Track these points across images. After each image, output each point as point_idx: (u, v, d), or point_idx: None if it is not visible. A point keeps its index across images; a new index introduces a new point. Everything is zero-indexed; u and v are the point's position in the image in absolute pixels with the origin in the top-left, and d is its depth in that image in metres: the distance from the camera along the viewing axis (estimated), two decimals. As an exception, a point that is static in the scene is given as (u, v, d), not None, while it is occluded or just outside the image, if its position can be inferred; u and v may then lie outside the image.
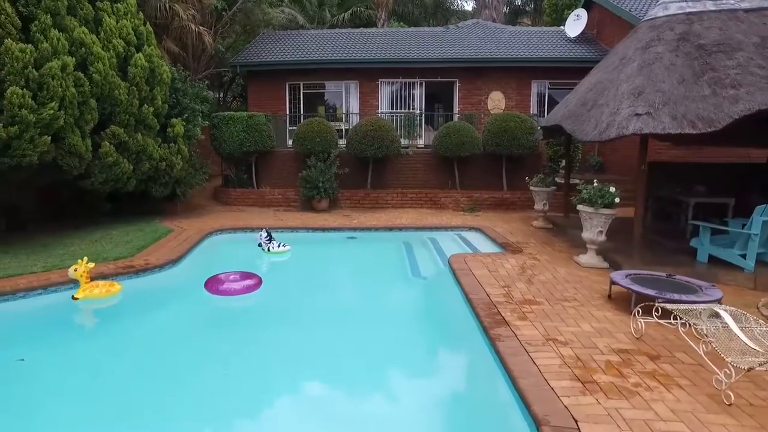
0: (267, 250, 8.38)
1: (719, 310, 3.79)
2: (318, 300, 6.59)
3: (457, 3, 30.96)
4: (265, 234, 8.50)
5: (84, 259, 6.06)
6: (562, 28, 16.94)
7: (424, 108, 15.96)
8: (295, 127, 14.11)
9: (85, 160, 8.19)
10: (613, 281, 5.40)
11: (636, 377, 3.70)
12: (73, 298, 5.86)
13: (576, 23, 16.11)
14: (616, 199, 6.80)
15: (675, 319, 4.06)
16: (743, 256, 6.37)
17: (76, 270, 5.92)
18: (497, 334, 4.48)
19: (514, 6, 31.40)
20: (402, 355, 4.81)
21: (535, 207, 10.43)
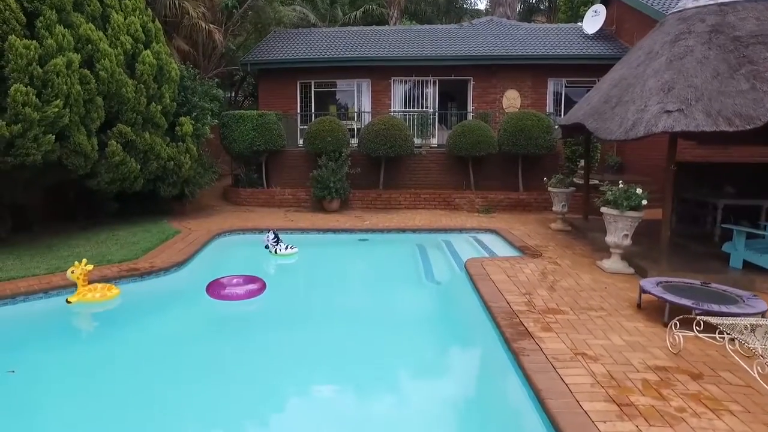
0: (274, 252, 8.12)
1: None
2: (325, 306, 6.29)
3: (470, 1, 30.62)
4: (272, 235, 8.24)
5: (83, 261, 5.83)
6: (579, 24, 16.49)
7: (437, 107, 15.61)
8: (306, 126, 13.84)
9: (91, 159, 7.99)
10: (644, 290, 5.04)
11: (679, 400, 3.33)
12: (68, 301, 5.63)
13: (594, 19, 15.64)
14: (644, 201, 6.41)
15: (719, 333, 3.70)
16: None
17: (73, 272, 5.70)
18: (520, 348, 4.15)
19: (528, 3, 30.94)
20: (416, 367, 4.51)
21: (553, 209, 10.07)
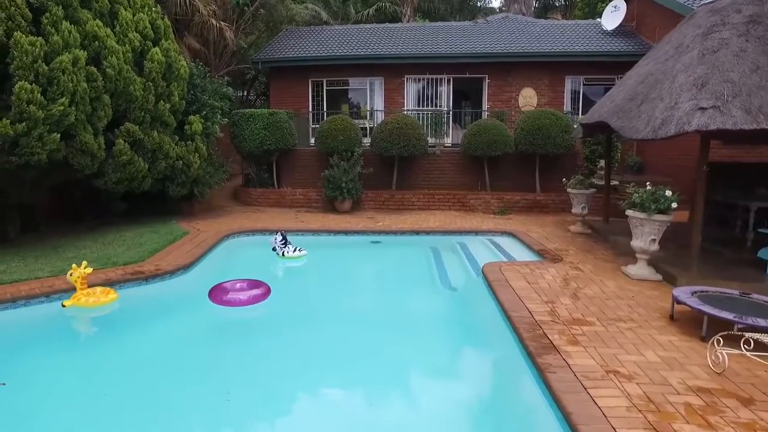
0: (281, 255, 7.87)
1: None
2: (333, 312, 5.97)
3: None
4: (280, 237, 7.98)
5: (83, 263, 5.63)
6: (598, 20, 16.04)
7: (451, 105, 15.27)
8: (317, 125, 13.61)
9: (98, 158, 7.82)
10: (678, 300, 4.67)
11: (730, 430, 2.98)
12: (63, 305, 5.42)
13: (613, 15, 15.17)
14: (674, 203, 6.04)
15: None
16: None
17: (71, 275, 5.50)
18: (546, 363, 3.83)
19: (543, 0, 30.36)
20: (431, 383, 4.22)
21: (572, 210, 9.67)
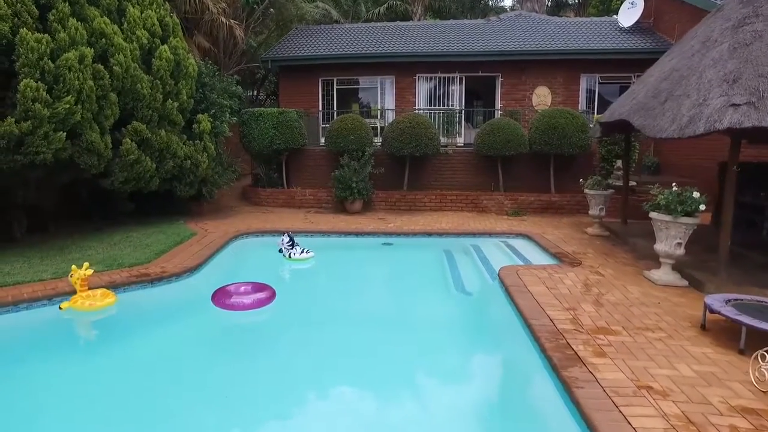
0: (288, 256, 7.67)
1: None
2: (341, 318, 5.70)
3: (496, -1, 29.83)
4: (287, 239, 7.78)
5: (84, 265, 5.46)
6: (614, 17, 15.66)
7: (463, 104, 14.99)
8: (327, 124, 13.41)
9: (105, 158, 7.67)
10: (711, 309, 4.38)
11: (783, 458, 2.72)
12: (60, 308, 5.26)
13: (630, 11, 14.78)
14: (702, 206, 5.74)
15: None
16: None
17: (71, 276, 5.34)
18: (572, 377, 3.57)
19: (556, -2, 29.92)
20: (447, 395, 3.96)
21: (589, 212, 9.38)
